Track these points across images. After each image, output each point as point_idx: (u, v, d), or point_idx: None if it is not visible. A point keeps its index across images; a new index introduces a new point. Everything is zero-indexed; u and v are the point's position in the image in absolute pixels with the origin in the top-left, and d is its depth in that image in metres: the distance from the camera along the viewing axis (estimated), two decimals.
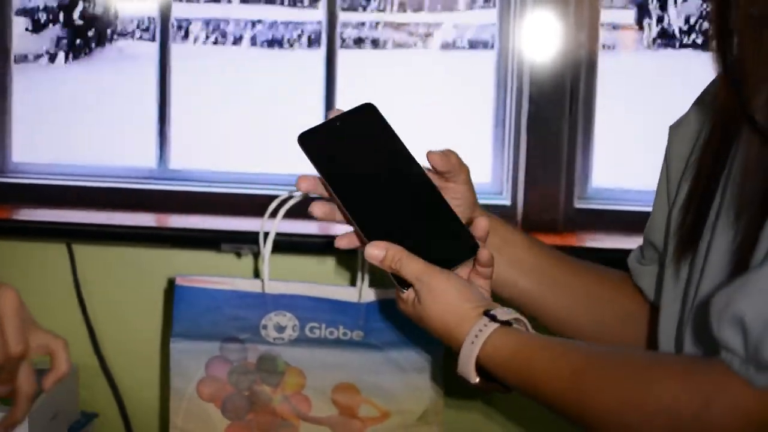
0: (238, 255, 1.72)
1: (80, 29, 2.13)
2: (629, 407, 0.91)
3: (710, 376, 0.88)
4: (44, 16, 2.09)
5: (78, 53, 2.16)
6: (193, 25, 2.25)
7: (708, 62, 0.93)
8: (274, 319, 1.43)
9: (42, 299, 1.70)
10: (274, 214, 1.37)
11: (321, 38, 1.87)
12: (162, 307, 1.75)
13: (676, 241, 1.06)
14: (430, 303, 1.05)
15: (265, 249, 1.40)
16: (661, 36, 2.05)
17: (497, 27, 1.83)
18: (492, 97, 1.84)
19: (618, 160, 1.94)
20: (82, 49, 2.16)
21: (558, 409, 0.97)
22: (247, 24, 2.34)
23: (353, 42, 2.14)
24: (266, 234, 1.40)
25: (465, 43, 2.19)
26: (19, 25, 1.98)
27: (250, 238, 1.57)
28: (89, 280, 1.76)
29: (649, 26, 2.05)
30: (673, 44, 2.06)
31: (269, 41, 2.33)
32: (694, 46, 2.06)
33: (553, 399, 0.97)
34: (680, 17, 2.05)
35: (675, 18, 2.04)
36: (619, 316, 1.23)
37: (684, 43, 2.06)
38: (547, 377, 0.97)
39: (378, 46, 2.18)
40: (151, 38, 1.98)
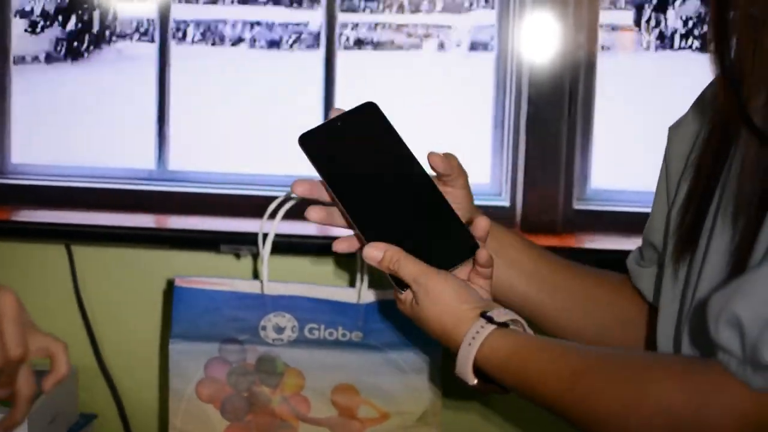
0: (237, 256, 1.72)
1: (79, 30, 2.13)
2: (627, 408, 0.91)
3: (707, 377, 0.88)
4: (43, 18, 2.09)
5: (77, 54, 2.16)
6: (192, 26, 2.25)
7: (707, 63, 0.92)
8: (273, 320, 1.43)
9: (41, 300, 1.70)
10: (273, 215, 1.37)
11: (320, 39, 1.87)
12: (161, 308, 1.75)
13: (675, 241, 1.06)
14: (427, 304, 1.05)
15: (264, 250, 1.40)
16: (660, 37, 2.05)
17: (496, 28, 1.83)
18: (491, 99, 1.84)
19: (617, 161, 1.94)
20: (81, 51, 2.16)
21: (555, 410, 0.97)
22: (246, 25, 2.34)
23: (352, 43, 2.14)
24: (265, 235, 1.40)
25: (464, 45, 2.19)
26: (18, 26, 1.98)
27: (249, 239, 1.57)
28: (88, 282, 1.76)
29: (648, 27, 2.05)
30: (672, 45, 2.06)
31: (268, 42, 2.33)
32: (693, 48, 2.06)
33: (551, 400, 0.97)
34: (679, 19, 2.05)
35: (674, 19, 2.04)
36: (618, 319, 1.23)
37: (683, 45, 2.06)
38: (545, 379, 0.97)
39: (377, 48, 2.18)
40: (150, 39, 1.98)
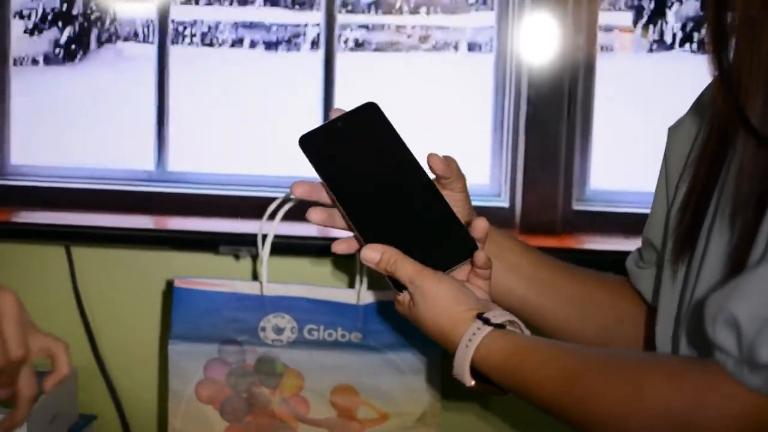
0: (237, 257, 1.71)
1: (79, 31, 2.13)
2: (625, 409, 0.91)
3: (704, 377, 0.88)
4: (42, 19, 2.09)
5: (76, 55, 2.16)
6: (191, 27, 2.25)
7: (705, 64, 0.92)
8: (273, 321, 1.43)
9: (41, 301, 1.70)
10: (272, 216, 1.37)
11: (319, 40, 1.87)
12: (160, 309, 1.75)
13: (674, 241, 1.06)
14: (423, 306, 1.05)
15: (263, 251, 1.40)
16: (659, 38, 2.06)
17: (495, 29, 1.83)
18: (490, 100, 1.84)
19: (616, 162, 1.94)
20: (81, 52, 2.16)
21: (552, 411, 0.97)
22: (245, 26, 2.34)
23: (352, 44, 2.14)
24: (264, 236, 1.40)
25: (463, 46, 2.19)
26: (17, 27, 1.98)
27: (248, 240, 1.57)
28: (88, 283, 1.76)
29: (646, 28, 2.05)
30: (671, 46, 2.06)
31: (268, 43, 2.33)
32: (691, 49, 2.06)
33: (548, 402, 0.97)
34: (678, 20, 2.05)
35: (673, 20, 2.04)
36: (618, 320, 1.23)
37: (681, 46, 2.06)
38: (542, 380, 0.97)
39: (377, 49, 2.18)
40: (149, 40, 1.98)
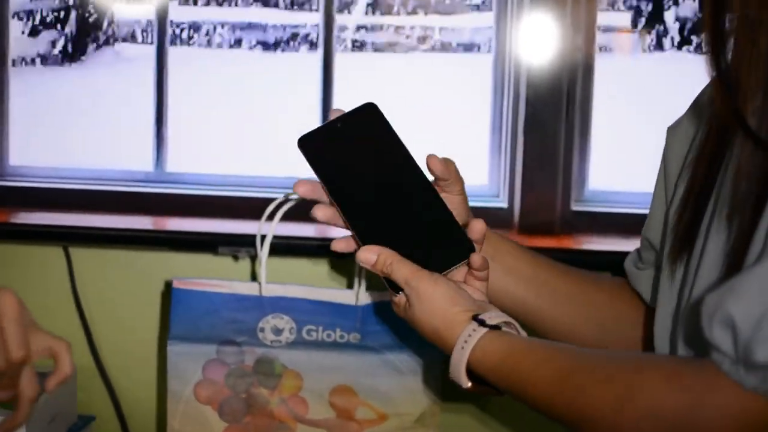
0: (236, 258, 1.71)
1: (77, 32, 2.13)
2: (616, 409, 0.91)
3: (700, 377, 0.88)
4: (41, 20, 2.09)
5: (75, 56, 2.16)
6: (190, 28, 2.25)
7: (704, 65, 0.92)
8: (271, 321, 1.43)
9: (39, 302, 1.70)
10: (271, 217, 1.37)
11: (318, 41, 1.87)
12: (159, 310, 1.75)
13: (672, 241, 1.06)
14: (419, 307, 1.05)
15: (262, 252, 1.40)
16: (658, 39, 2.06)
17: (494, 30, 1.83)
18: (489, 100, 1.84)
19: (615, 162, 1.94)
20: (79, 52, 2.16)
21: (549, 412, 0.97)
22: (244, 27, 2.34)
23: (350, 45, 2.14)
24: (263, 237, 1.40)
25: (462, 47, 2.19)
26: (16, 28, 1.98)
27: (247, 241, 1.57)
28: (86, 283, 1.76)
29: (645, 29, 2.05)
30: (670, 47, 2.06)
31: (266, 44, 2.33)
32: (690, 49, 2.06)
33: (542, 402, 0.97)
34: (677, 20, 2.05)
35: (671, 21, 2.04)
36: (617, 321, 1.23)
37: (680, 46, 2.06)
38: (536, 381, 0.97)
39: (375, 49, 2.18)
40: (148, 41, 1.98)
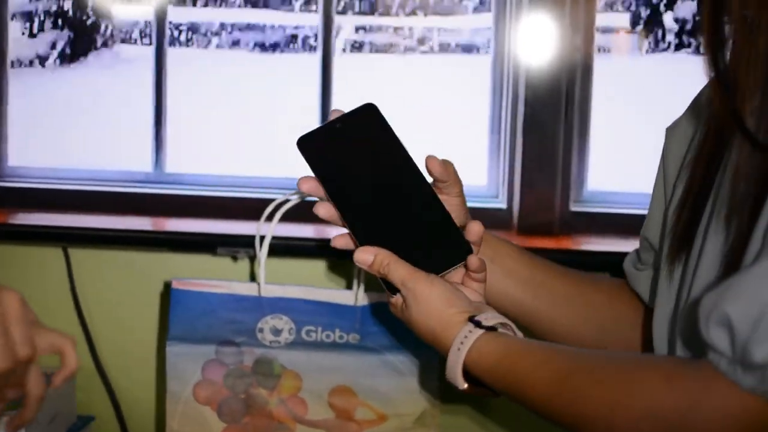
0: (234, 258, 1.71)
1: (76, 33, 2.13)
2: (616, 410, 0.91)
3: (697, 378, 0.88)
4: (40, 21, 2.09)
5: (74, 57, 2.16)
6: (189, 28, 2.25)
7: (702, 66, 0.92)
8: (270, 322, 1.43)
9: (38, 303, 1.68)
10: (270, 218, 1.37)
11: (317, 42, 1.87)
12: (158, 311, 1.75)
13: (670, 241, 1.06)
14: (416, 308, 1.04)
15: (261, 252, 1.40)
16: (656, 40, 2.06)
17: (493, 31, 1.83)
18: (488, 101, 1.84)
19: (614, 163, 1.94)
20: (78, 53, 2.16)
21: (546, 413, 0.97)
22: (243, 28, 2.34)
23: (350, 45, 2.14)
24: (262, 237, 1.40)
25: (461, 47, 2.19)
26: (15, 29, 1.98)
27: (246, 242, 1.57)
28: (85, 284, 1.76)
29: (644, 30, 2.05)
30: (668, 48, 2.07)
31: (265, 45, 2.33)
32: (689, 50, 2.06)
33: (540, 403, 0.97)
34: (675, 21, 2.05)
35: (670, 22, 2.04)
36: (617, 322, 1.22)
37: (679, 47, 2.06)
38: (533, 382, 0.97)
39: (374, 50, 2.18)
40: (147, 42, 1.98)
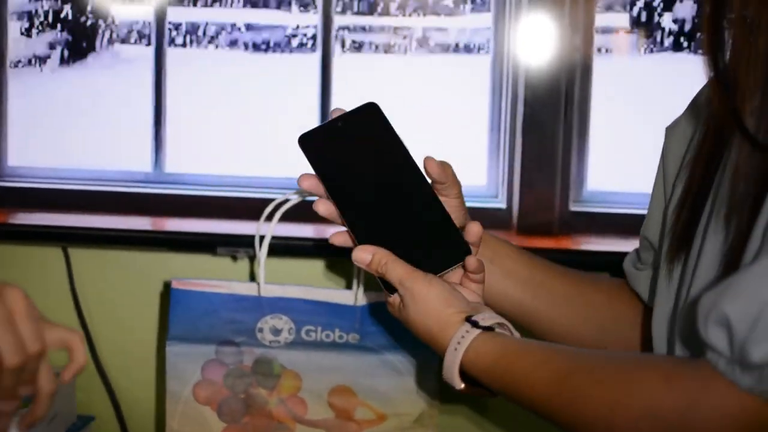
0: (234, 258, 1.72)
1: (76, 33, 2.13)
2: (614, 410, 0.91)
3: (696, 377, 0.88)
4: (39, 20, 2.09)
5: (73, 57, 2.16)
6: (188, 28, 2.25)
7: (702, 65, 0.92)
8: (270, 322, 1.43)
9: (38, 303, 1.68)
10: (270, 218, 1.37)
11: (316, 42, 1.87)
12: (158, 311, 1.75)
13: (670, 240, 1.06)
14: (413, 308, 1.04)
15: (260, 252, 1.40)
16: (655, 40, 2.06)
17: (492, 31, 1.83)
18: (487, 101, 1.84)
19: (613, 163, 1.94)
20: (78, 53, 2.16)
21: (543, 413, 0.97)
22: (242, 27, 2.34)
23: (349, 45, 2.14)
24: (262, 237, 1.40)
25: (460, 47, 2.20)
26: (14, 29, 1.98)
27: (245, 242, 1.57)
28: (85, 284, 1.76)
29: (644, 30, 2.05)
30: (668, 48, 2.06)
31: (265, 45, 2.33)
32: (688, 50, 2.06)
33: (538, 404, 0.97)
34: (674, 21, 2.05)
35: (670, 22, 2.04)
36: (616, 322, 1.22)
37: (678, 47, 2.06)
38: (531, 382, 0.97)
39: (374, 50, 2.18)
40: (146, 42, 1.98)
